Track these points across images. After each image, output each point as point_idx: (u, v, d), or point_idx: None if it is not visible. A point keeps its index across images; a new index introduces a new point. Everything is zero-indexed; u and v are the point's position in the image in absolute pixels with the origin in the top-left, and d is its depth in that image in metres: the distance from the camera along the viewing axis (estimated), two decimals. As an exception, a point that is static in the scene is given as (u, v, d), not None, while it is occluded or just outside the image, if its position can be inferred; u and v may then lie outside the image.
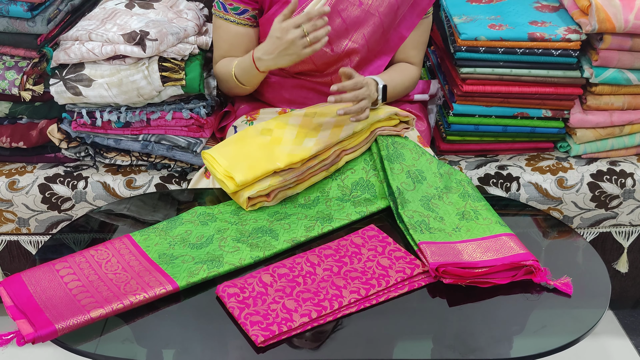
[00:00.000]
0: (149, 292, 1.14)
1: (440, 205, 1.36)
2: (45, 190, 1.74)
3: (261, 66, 1.52)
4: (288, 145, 1.42)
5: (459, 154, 1.85)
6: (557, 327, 1.12)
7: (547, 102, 1.75)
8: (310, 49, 1.42)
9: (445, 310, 1.16)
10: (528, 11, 1.79)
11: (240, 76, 1.60)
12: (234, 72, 1.60)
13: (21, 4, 1.60)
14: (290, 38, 1.41)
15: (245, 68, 1.57)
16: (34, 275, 1.18)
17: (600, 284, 1.21)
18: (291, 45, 1.42)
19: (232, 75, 1.61)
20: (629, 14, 1.62)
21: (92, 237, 1.38)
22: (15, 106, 1.74)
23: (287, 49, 1.43)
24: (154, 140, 1.72)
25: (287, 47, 1.43)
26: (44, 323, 1.06)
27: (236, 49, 1.66)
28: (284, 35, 1.42)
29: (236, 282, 1.16)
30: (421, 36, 1.72)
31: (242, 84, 1.62)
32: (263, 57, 1.49)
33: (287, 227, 1.32)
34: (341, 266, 1.21)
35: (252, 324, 1.08)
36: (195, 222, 1.34)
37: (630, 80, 1.70)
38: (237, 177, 1.35)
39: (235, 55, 1.66)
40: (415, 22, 1.67)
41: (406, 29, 1.68)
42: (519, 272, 1.19)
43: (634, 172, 1.74)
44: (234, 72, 1.60)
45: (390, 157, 1.42)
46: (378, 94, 1.52)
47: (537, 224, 1.42)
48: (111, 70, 1.63)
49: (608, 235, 1.82)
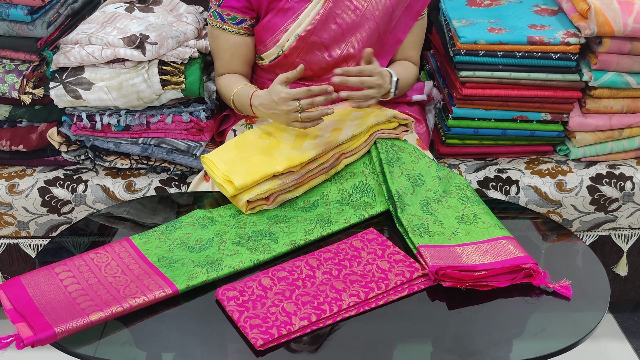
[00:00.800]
0: (149, 295, 1.14)
1: (440, 209, 1.36)
2: (45, 193, 1.74)
3: (257, 113, 1.53)
4: (287, 148, 1.42)
5: (458, 157, 1.85)
6: (556, 330, 1.12)
7: (546, 106, 1.75)
8: (300, 125, 1.41)
9: (444, 314, 1.15)
10: (527, 15, 1.80)
11: (238, 107, 1.62)
12: (233, 100, 1.62)
13: (21, 8, 1.61)
14: (284, 109, 1.40)
15: (243, 103, 1.58)
16: (33, 279, 1.18)
17: (599, 287, 1.21)
18: (283, 115, 1.42)
19: (231, 102, 1.62)
20: (627, 17, 1.62)
21: (92, 240, 1.38)
22: (15, 109, 1.74)
23: (278, 116, 1.44)
24: (153, 143, 1.72)
25: (279, 115, 1.43)
26: (44, 326, 1.06)
27: (237, 59, 1.67)
28: (279, 104, 1.41)
29: (236, 285, 1.16)
30: (418, 36, 1.73)
31: (239, 112, 1.65)
32: (259, 108, 1.50)
33: (286, 231, 1.32)
34: (340, 269, 1.21)
35: (251, 327, 1.08)
36: (195, 226, 1.34)
37: (629, 84, 1.70)
38: (236, 181, 1.35)
39: (237, 65, 1.67)
40: (410, 24, 1.68)
41: (402, 32, 1.68)
42: (518, 275, 1.19)
43: (633, 176, 1.74)
44: (233, 100, 1.62)
45: (389, 160, 1.43)
46: (391, 86, 1.52)
47: (536, 227, 1.42)
48: (111, 73, 1.63)
49: (607, 239, 1.82)
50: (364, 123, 1.46)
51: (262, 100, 1.48)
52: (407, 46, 1.71)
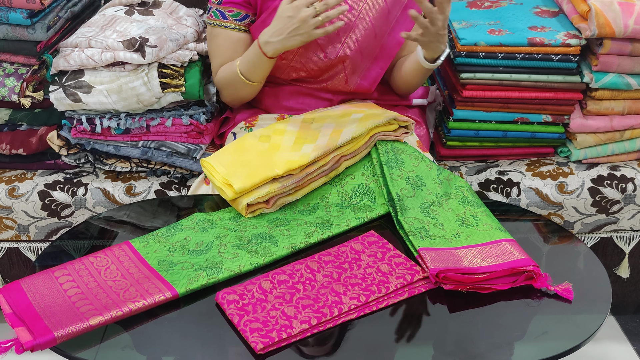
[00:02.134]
0: (149, 299, 1.13)
1: (440, 212, 1.36)
2: (45, 197, 1.74)
3: (269, 50, 1.49)
4: (286, 151, 1.42)
5: (459, 159, 1.85)
6: (558, 333, 1.12)
7: (547, 107, 1.75)
8: (322, 30, 1.39)
9: (445, 317, 1.15)
10: (527, 16, 1.79)
11: (246, 71, 1.57)
12: (239, 69, 1.58)
13: (21, 11, 1.61)
14: (303, 16, 1.38)
15: (251, 59, 1.54)
16: (33, 283, 1.17)
17: (601, 290, 1.21)
18: (303, 24, 1.39)
19: (237, 73, 1.58)
20: (628, 18, 1.61)
21: (92, 243, 1.38)
22: (15, 113, 1.74)
23: (298, 29, 1.40)
24: (153, 146, 1.72)
25: (299, 27, 1.40)
26: (43, 331, 1.06)
27: (239, 56, 1.64)
28: (296, 14, 1.38)
29: (236, 288, 1.16)
30: None
31: (249, 80, 1.59)
32: (271, 40, 1.46)
33: (286, 234, 1.32)
34: (341, 272, 1.20)
35: (251, 330, 1.07)
36: (195, 229, 1.34)
37: (630, 85, 1.70)
38: (235, 184, 1.35)
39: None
40: (410, 26, 1.67)
41: (403, 34, 1.68)
42: (519, 277, 1.18)
43: (634, 177, 1.74)
44: (239, 70, 1.58)
45: (389, 162, 1.42)
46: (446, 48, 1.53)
47: (537, 230, 1.42)
48: (111, 76, 1.63)
49: (609, 241, 1.81)
50: (363, 125, 1.46)
51: (272, 29, 1.45)
52: (410, 44, 1.71)
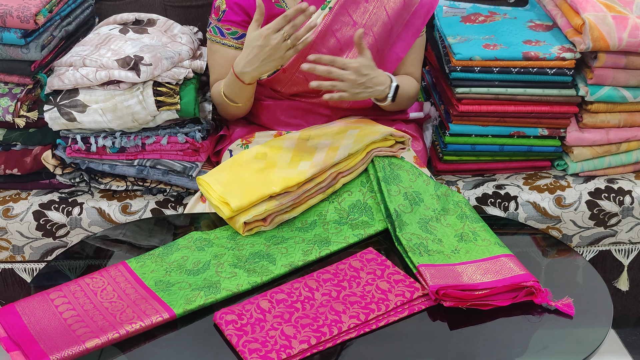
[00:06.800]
0: (145, 320, 1.12)
1: (439, 227, 1.35)
2: (40, 217, 1.72)
3: (246, 79, 1.51)
4: (283, 169, 1.41)
5: (456, 173, 1.85)
6: (560, 349, 1.11)
7: (543, 121, 1.75)
8: (293, 51, 1.41)
9: (446, 334, 1.14)
10: (522, 30, 1.80)
11: (229, 94, 1.60)
12: (222, 92, 1.60)
13: (15, 31, 1.60)
14: (273, 44, 1.40)
15: (231, 85, 1.56)
16: (28, 306, 1.16)
17: (602, 304, 1.20)
18: (275, 51, 1.41)
19: (222, 95, 1.61)
20: (622, 32, 1.62)
21: (88, 263, 1.37)
22: (10, 133, 1.73)
23: (270, 56, 1.42)
24: (149, 165, 1.71)
25: (271, 54, 1.41)
26: (39, 355, 1.04)
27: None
28: (266, 42, 1.40)
29: (234, 308, 1.14)
30: (418, 54, 1.73)
31: (233, 102, 1.61)
32: (245, 70, 1.48)
33: (284, 252, 1.31)
34: (340, 290, 1.19)
35: (250, 351, 1.06)
36: (192, 248, 1.32)
37: (625, 98, 1.70)
38: (232, 202, 1.34)
39: None
40: (410, 43, 1.68)
41: (402, 51, 1.68)
42: (519, 293, 1.17)
43: (632, 190, 1.74)
44: (223, 92, 1.60)
45: (387, 178, 1.42)
46: (390, 91, 1.54)
47: (536, 244, 1.42)
48: (105, 95, 1.63)
49: (608, 254, 1.81)
50: (360, 141, 1.45)
51: (244, 59, 1.47)
52: (407, 63, 1.71)
